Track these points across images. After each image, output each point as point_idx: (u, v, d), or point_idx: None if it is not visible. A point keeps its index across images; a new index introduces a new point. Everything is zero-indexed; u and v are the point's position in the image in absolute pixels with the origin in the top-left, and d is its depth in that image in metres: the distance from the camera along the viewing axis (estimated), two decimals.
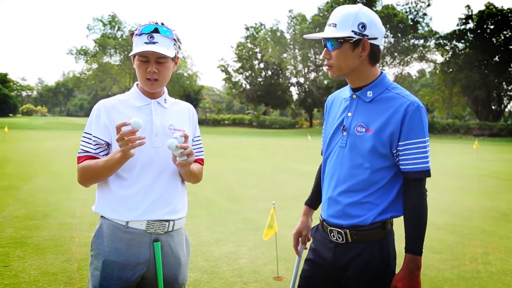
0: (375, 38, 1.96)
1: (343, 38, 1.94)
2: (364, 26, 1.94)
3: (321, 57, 2.06)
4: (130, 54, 2.16)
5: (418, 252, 1.93)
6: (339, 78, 2.08)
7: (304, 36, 2.11)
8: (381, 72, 2.07)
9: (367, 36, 1.94)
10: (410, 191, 1.96)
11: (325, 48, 2.03)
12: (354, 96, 2.06)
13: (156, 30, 2.09)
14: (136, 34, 2.11)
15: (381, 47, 2.05)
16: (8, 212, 6.96)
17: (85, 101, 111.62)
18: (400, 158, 1.96)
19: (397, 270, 2.00)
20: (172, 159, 2.09)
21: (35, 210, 7.16)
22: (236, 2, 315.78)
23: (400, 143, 1.93)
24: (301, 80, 64.20)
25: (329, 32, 1.98)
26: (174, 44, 2.17)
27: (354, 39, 1.94)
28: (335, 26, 1.96)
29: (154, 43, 2.08)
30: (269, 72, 65.70)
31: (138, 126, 1.90)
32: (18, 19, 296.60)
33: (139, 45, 2.09)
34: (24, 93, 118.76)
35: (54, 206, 7.54)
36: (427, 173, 1.94)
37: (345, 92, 2.16)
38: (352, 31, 1.93)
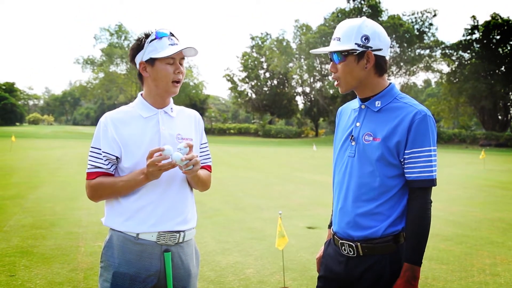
0: (380, 49, 1.98)
1: (347, 51, 1.96)
2: (367, 38, 1.96)
3: (329, 70, 2.08)
4: (164, 55, 2.06)
5: (417, 262, 1.91)
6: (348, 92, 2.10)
7: (311, 51, 2.14)
8: (390, 83, 2.08)
9: (371, 47, 1.97)
10: (414, 200, 1.95)
11: (332, 62, 2.05)
12: (363, 107, 2.08)
13: (172, 34, 2.13)
14: (154, 39, 2.09)
15: (387, 58, 2.06)
16: (14, 221, 6.98)
17: (92, 110, 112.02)
18: (405, 166, 1.96)
19: None
20: (179, 168, 2.09)
21: (42, 219, 7.18)
22: (242, 12, 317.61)
23: (406, 151, 1.94)
24: (307, 89, 64.19)
25: (333, 46, 2.01)
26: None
27: (358, 52, 1.96)
28: (339, 40, 1.99)
29: (176, 44, 2.11)
30: (275, 82, 65.75)
31: (169, 154, 1.94)
32: (25, 29, 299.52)
33: (164, 47, 2.08)
34: (31, 102, 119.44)
35: (61, 215, 7.56)
36: (431, 182, 1.93)
37: (354, 103, 2.17)
38: (356, 43, 1.96)
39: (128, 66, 64.40)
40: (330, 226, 2.31)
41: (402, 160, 1.96)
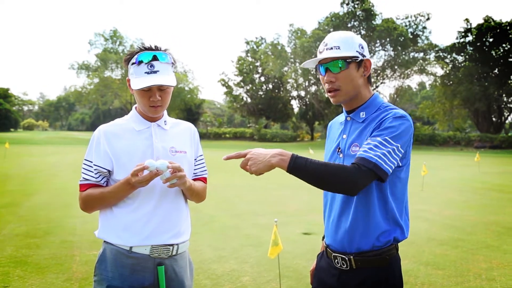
0: (369, 59, 2.02)
1: (351, 57, 1.96)
2: (363, 47, 2.00)
3: (325, 81, 2.02)
4: (134, 88, 2.03)
5: (291, 164, 1.74)
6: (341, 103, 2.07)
7: (302, 65, 2.10)
8: (373, 93, 2.08)
9: (365, 56, 2.00)
10: (353, 164, 1.81)
11: (327, 72, 2.00)
12: (348, 119, 2.08)
13: (155, 58, 2.04)
14: (134, 63, 2.05)
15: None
16: (8, 230, 6.93)
17: (86, 116, 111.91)
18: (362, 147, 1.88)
19: None
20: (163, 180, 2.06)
21: (36, 227, 7.13)
22: (237, 16, 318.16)
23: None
24: (302, 93, 64.23)
25: (334, 53, 1.96)
26: (172, 65, 2.14)
27: (359, 59, 1.98)
28: (339, 48, 1.96)
29: (155, 72, 2.03)
30: (270, 86, 65.78)
31: (153, 168, 1.94)
32: (20, 34, 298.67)
33: (139, 75, 2.04)
34: (25, 108, 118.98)
35: (55, 223, 7.51)
36: (370, 163, 1.79)
37: (342, 116, 2.18)
38: (357, 51, 1.97)
39: (123, 72, 64.31)
40: (324, 238, 2.29)
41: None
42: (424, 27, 54.68)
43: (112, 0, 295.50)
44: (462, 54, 53.20)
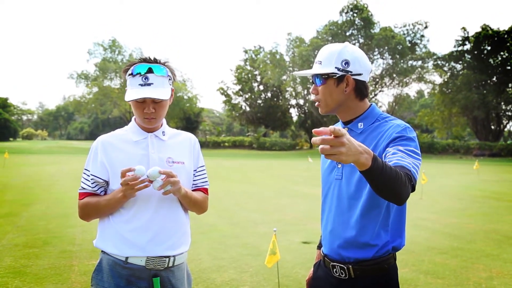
0: (360, 74, 2.00)
1: (327, 74, 1.99)
2: (347, 63, 1.98)
3: (310, 92, 2.10)
4: (127, 100, 2.06)
5: (374, 163, 1.50)
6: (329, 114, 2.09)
7: (294, 73, 2.17)
8: (370, 104, 2.09)
9: (350, 72, 1.98)
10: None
11: (313, 84, 2.08)
12: (346, 129, 2.06)
13: (150, 70, 2.05)
14: (130, 74, 2.07)
15: (368, 82, 2.06)
16: (7, 240, 6.90)
17: (86, 125, 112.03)
18: (385, 157, 1.81)
19: None
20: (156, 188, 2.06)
21: (35, 237, 7.11)
22: (235, 25, 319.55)
23: (387, 149, 1.85)
24: (301, 101, 64.34)
25: (315, 69, 2.04)
26: (169, 79, 2.14)
27: (338, 75, 1.98)
28: (321, 63, 2.02)
29: (149, 84, 2.04)
30: (269, 94, 65.96)
31: (141, 174, 1.94)
32: (18, 44, 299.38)
33: (134, 87, 2.05)
34: (24, 117, 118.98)
35: (54, 233, 7.49)
36: (410, 175, 1.68)
37: (338, 126, 2.16)
38: (336, 67, 1.98)
39: (122, 81, 64.36)
40: (319, 247, 2.29)
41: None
42: (422, 36, 54.97)
43: (111, 10, 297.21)
44: (460, 62, 53.45)
